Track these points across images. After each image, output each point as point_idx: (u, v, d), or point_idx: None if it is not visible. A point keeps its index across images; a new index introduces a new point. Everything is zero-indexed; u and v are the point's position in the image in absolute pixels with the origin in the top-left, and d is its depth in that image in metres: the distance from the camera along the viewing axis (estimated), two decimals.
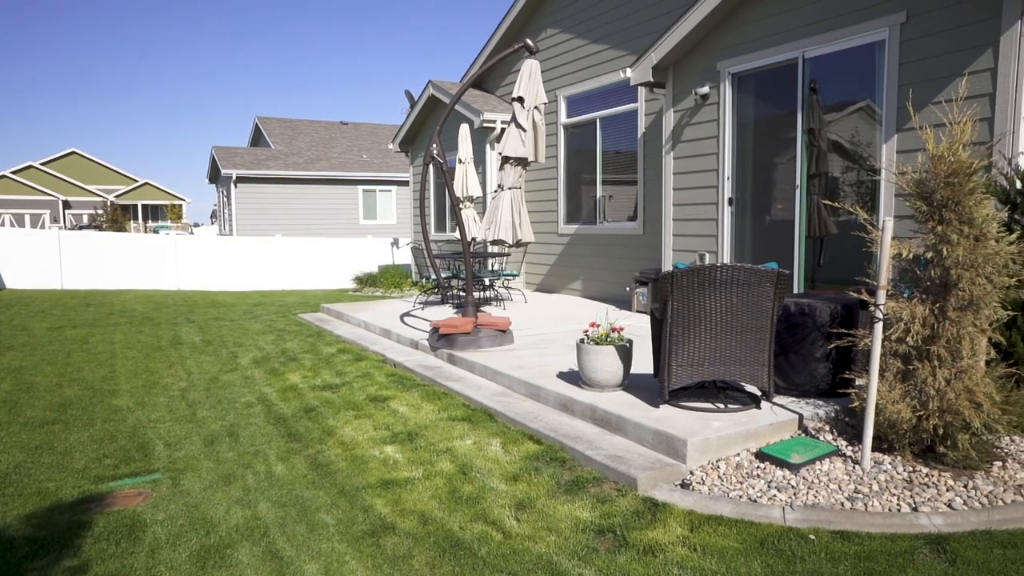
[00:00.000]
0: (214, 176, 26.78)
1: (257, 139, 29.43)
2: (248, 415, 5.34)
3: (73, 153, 47.93)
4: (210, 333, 9.28)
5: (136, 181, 48.48)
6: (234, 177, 23.02)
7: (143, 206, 47.61)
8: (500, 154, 7.69)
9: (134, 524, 3.46)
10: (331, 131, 28.95)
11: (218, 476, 4.09)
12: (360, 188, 25.17)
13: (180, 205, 48.97)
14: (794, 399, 4.59)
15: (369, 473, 4.06)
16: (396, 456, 4.31)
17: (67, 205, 42.97)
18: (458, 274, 10.04)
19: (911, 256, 3.85)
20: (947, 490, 3.47)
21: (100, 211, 39.62)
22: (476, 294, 10.14)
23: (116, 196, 45.74)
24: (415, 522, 3.41)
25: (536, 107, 7.48)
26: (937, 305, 3.74)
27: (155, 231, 38.37)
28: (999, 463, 3.73)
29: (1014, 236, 3.73)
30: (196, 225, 46.21)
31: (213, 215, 43.51)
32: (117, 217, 38.78)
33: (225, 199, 25.23)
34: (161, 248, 16.52)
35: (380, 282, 14.84)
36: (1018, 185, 4.28)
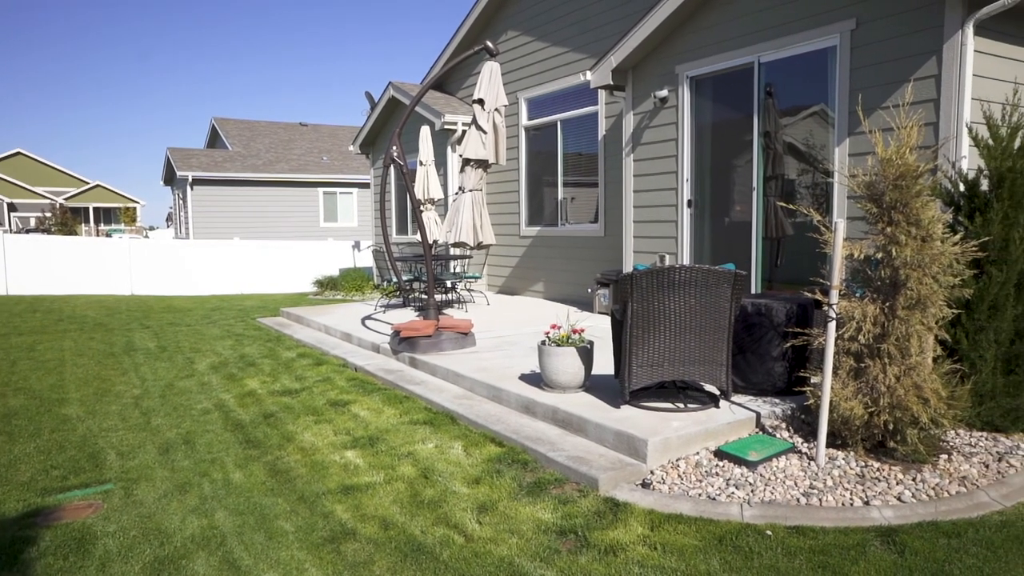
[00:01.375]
0: (169, 178, 26.19)
1: (214, 140, 28.86)
2: (205, 422, 5.22)
3: (19, 154, 46.36)
4: (166, 339, 9.07)
5: (87, 183, 47.09)
6: (190, 179, 22.54)
7: (95, 209, 46.27)
8: (461, 156, 7.68)
9: (83, 537, 3.36)
10: (290, 132, 28.55)
11: (173, 485, 3.99)
12: (320, 190, 24.87)
13: (134, 208, 47.72)
14: (752, 398, 4.67)
15: (329, 479, 4.00)
16: (357, 461, 4.27)
17: (12, 208, 41.51)
18: (420, 277, 9.99)
19: (862, 257, 3.95)
20: (897, 483, 3.57)
21: (48, 214, 38.36)
22: (438, 297, 10.10)
23: (66, 199, 44.34)
24: (376, 527, 3.38)
25: (497, 109, 7.49)
26: (887, 304, 3.85)
27: (108, 234, 37.31)
28: (945, 456, 3.86)
29: (958, 237, 3.86)
30: (151, 228, 45.09)
31: (169, 218, 42.54)
32: (67, 220, 37.61)
33: (181, 202, 24.68)
34: (114, 251, 16.07)
35: (341, 285, 14.68)
36: (962, 188, 4.42)
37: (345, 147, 27.10)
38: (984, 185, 4.34)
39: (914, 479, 3.60)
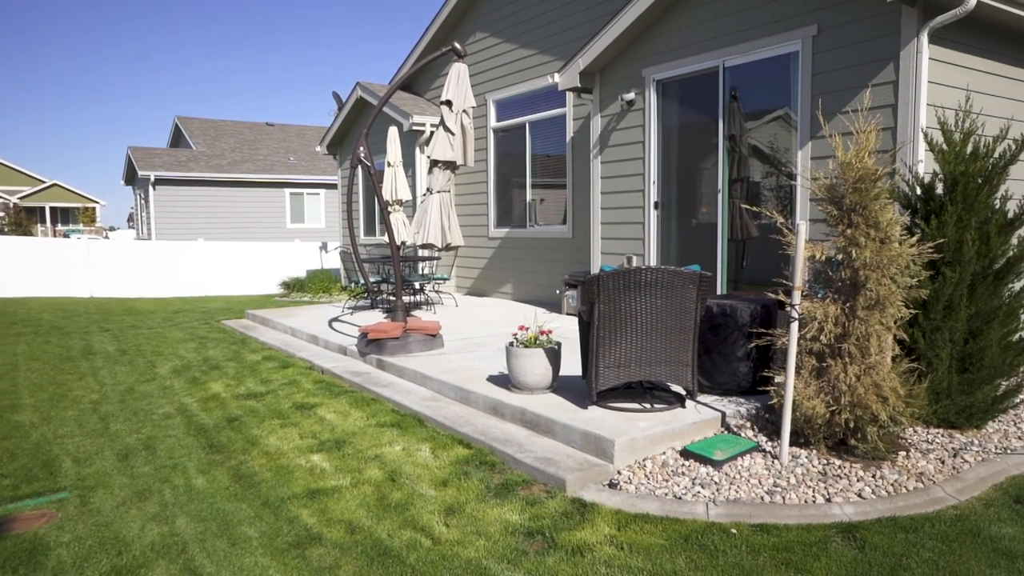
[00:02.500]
0: (130, 178, 25.61)
1: (177, 140, 28.31)
2: (166, 427, 5.11)
3: None
4: (126, 342, 8.86)
5: (43, 182, 45.79)
6: (152, 179, 22.08)
7: (51, 209, 45.02)
8: (429, 157, 7.65)
9: (35, 548, 3.26)
10: (256, 132, 28.15)
11: (132, 492, 3.90)
12: (287, 191, 24.57)
13: (93, 208, 46.57)
14: (717, 397, 4.73)
15: (295, 483, 3.95)
16: (323, 465, 4.21)
17: None
18: (388, 278, 9.92)
19: (824, 258, 4.03)
20: (858, 480, 3.64)
21: (1, 214, 37.24)
22: (406, 298, 10.04)
23: (20, 198, 43.05)
24: (342, 531, 3.34)
25: (465, 111, 7.48)
26: (848, 305, 3.92)
27: (65, 235, 36.32)
28: (903, 453, 3.95)
29: (914, 239, 3.96)
30: (112, 229, 44.06)
31: (130, 219, 41.60)
32: (21, 220, 36.55)
33: (143, 202, 24.16)
34: (72, 252, 15.65)
35: (308, 287, 14.51)
36: (918, 191, 4.54)
37: (312, 147, 26.81)
38: (939, 188, 4.46)
39: (874, 476, 3.68)
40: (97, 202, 46.92)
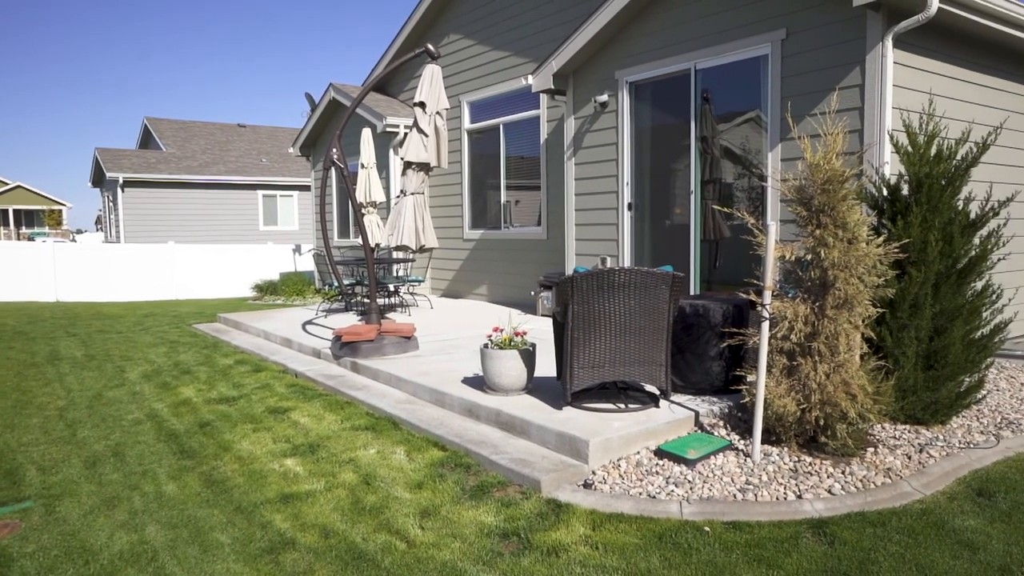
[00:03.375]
0: (98, 180, 25.15)
1: (147, 141, 27.85)
2: (136, 433, 5.03)
3: None
4: (94, 347, 8.69)
5: (6, 183, 44.76)
6: (121, 181, 21.69)
7: (15, 211, 44.03)
8: (403, 159, 7.62)
9: None
10: (228, 133, 27.80)
11: (100, 500, 3.83)
12: (260, 193, 24.29)
13: (60, 211, 45.64)
14: (691, 397, 4.77)
15: (268, 488, 3.91)
16: (297, 469, 4.17)
17: None
18: (362, 281, 9.86)
19: (794, 258, 4.09)
20: (828, 477, 3.70)
21: None
22: (381, 301, 9.99)
23: None
24: (316, 536, 3.31)
25: (438, 112, 7.46)
26: (817, 304, 3.99)
27: (30, 238, 35.53)
28: (872, 449, 4.02)
29: (881, 239, 4.04)
30: (79, 232, 43.19)
31: (98, 221, 40.80)
32: None
33: (111, 204, 23.73)
34: (36, 255, 15.31)
35: (281, 290, 14.37)
36: (884, 192, 4.62)
37: (285, 149, 26.55)
38: (905, 190, 4.55)
39: (843, 472, 3.74)
40: (63, 204, 46.00)
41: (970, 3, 5.36)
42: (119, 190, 21.86)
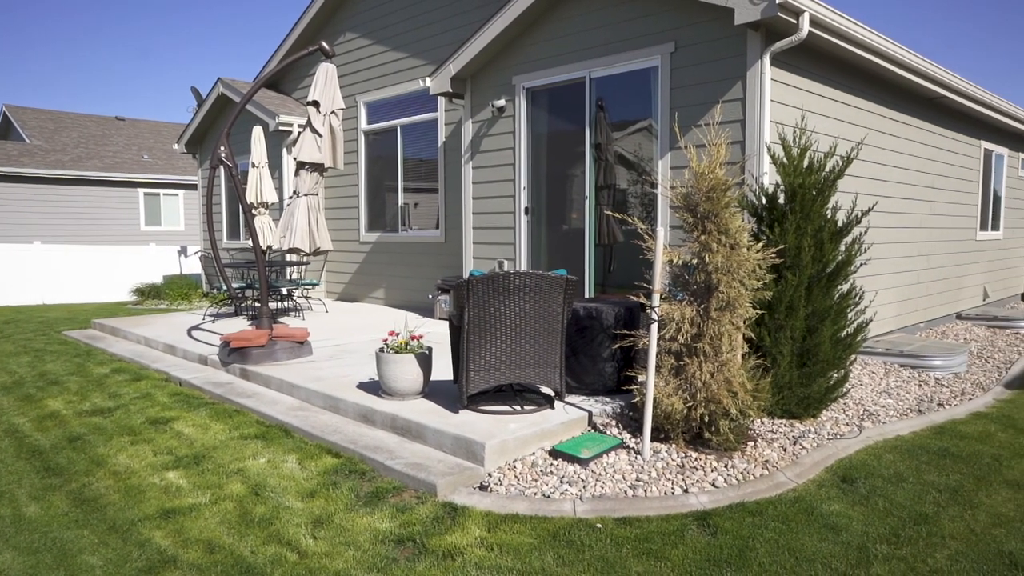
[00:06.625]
0: None
1: (7, 131, 25.56)
2: None
3: None
4: None
5: None
6: None
7: None
8: (295, 159, 7.40)
9: None
10: (104, 127, 25.98)
11: None
12: (141, 191, 22.83)
13: None
14: (585, 397, 4.89)
15: (147, 503, 3.68)
16: (179, 482, 3.95)
17: None
18: (253, 284, 9.47)
19: (681, 263, 4.28)
20: (712, 471, 3.89)
21: None
22: (273, 305, 9.63)
23: None
24: (200, 552, 3.15)
25: (333, 112, 7.30)
26: (702, 306, 4.19)
27: None
28: (752, 443, 4.26)
29: (760, 245, 4.29)
30: None
31: None
32: None
33: None
34: None
35: (165, 294, 13.58)
36: (763, 201, 4.92)
37: (169, 145, 25.11)
38: (781, 199, 4.86)
39: (726, 466, 3.95)
40: None
41: (836, 30, 5.80)
42: None
